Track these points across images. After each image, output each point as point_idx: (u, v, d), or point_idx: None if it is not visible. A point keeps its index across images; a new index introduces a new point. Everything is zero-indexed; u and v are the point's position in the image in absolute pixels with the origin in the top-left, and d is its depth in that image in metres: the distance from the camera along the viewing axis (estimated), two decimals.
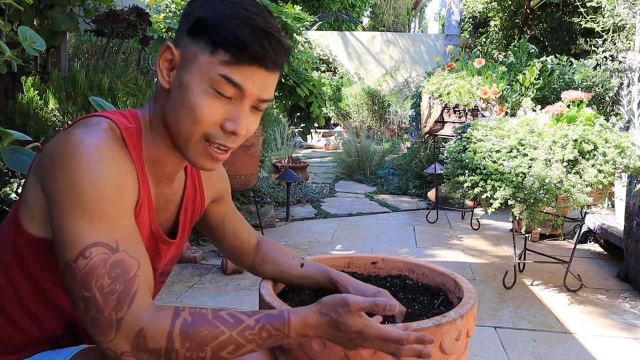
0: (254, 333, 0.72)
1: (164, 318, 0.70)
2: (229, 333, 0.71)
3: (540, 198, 2.22)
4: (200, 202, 1.01)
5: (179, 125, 0.80)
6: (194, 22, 0.79)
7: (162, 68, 0.81)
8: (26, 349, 0.85)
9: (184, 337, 0.69)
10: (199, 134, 0.79)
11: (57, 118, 2.52)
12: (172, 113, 0.80)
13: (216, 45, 0.76)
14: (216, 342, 0.70)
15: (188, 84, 0.78)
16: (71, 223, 0.71)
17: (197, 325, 0.70)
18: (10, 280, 0.81)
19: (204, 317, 0.71)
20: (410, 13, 19.10)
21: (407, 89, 10.15)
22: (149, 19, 3.01)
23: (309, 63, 5.99)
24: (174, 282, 2.61)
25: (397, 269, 1.24)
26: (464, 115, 3.70)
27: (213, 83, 0.77)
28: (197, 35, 0.78)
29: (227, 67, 0.76)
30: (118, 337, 0.68)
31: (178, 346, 0.69)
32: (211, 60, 0.77)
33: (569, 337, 2.13)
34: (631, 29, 5.02)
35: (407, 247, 3.39)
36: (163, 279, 1.01)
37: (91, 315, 0.69)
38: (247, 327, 0.72)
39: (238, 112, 0.79)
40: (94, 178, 0.72)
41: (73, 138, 0.74)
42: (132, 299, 0.69)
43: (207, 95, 0.77)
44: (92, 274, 0.69)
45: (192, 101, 0.77)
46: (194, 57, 0.78)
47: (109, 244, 0.71)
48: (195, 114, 0.78)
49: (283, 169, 4.69)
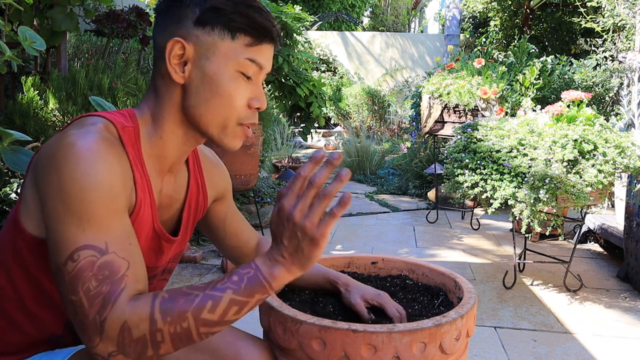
0: (225, 282, 0.71)
1: (144, 303, 0.69)
2: (202, 292, 0.70)
3: (540, 198, 2.22)
4: (203, 201, 1.01)
5: (212, 115, 0.82)
6: (204, 12, 0.79)
7: (172, 65, 0.80)
8: (26, 349, 0.85)
9: (163, 313, 0.69)
10: (234, 119, 0.83)
11: (57, 118, 2.52)
12: (200, 105, 0.81)
13: (235, 31, 0.80)
14: (193, 305, 0.69)
15: (215, 73, 0.80)
16: (61, 226, 0.71)
17: (174, 298, 0.70)
18: (11, 281, 0.81)
19: (179, 291, 0.71)
20: (410, 13, 19.11)
21: (407, 89, 10.15)
22: (149, 19, 3.02)
23: (309, 63, 5.99)
24: (174, 282, 2.61)
25: (397, 269, 1.24)
26: (464, 115, 3.70)
27: (239, 67, 0.81)
28: (209, 25, 0.79)
29: (250, 49, 0.81)
30: (103, 340, 0.68)
31: (161, 324, 0.68)
32: (233, 45, 0.80)
33: (569, 337, 2.13)
34: (631, 29, 5.02)
35: (407, 247, 3.39)
36: (166, 276, 1.01)
37: (79, 319, 0.69)
38: (217, 281, 0.72)
39: (259, 89, 0.84)
40: (84, 181, 0.71)
41: (66, 140, 0.74)
42: (117, 297, 0.69)
43: (237, 80, 0.81)
44: (79, 277, 0.69)
45: (225, 89, 0.80)
46: (213, 46, 0.80)
47: (98, 246, 0.71)
48: (230, 101, 0.81)
49: (283, 169, 4.69)
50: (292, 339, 0.89)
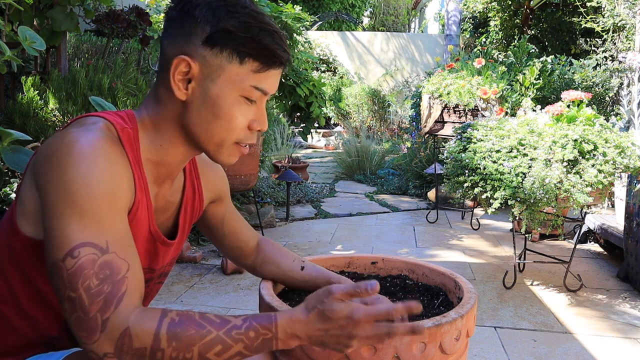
0: (241, 332, 0.71)
1: (151, 318, 0.69)
2: (216, 333, 0.70)
3: (540, 198, 2.22)
4: (199, 203, 1.01)
5: (211, 134, 0.82)
6: (214, 32, 0.78)
7: (177, 82, 0.80)
8: (23, 351, 0.84)
9: (170, 336, 0.68)
10: (232, 140, 0.83)
11: (57, 118, 2.52)
12: (201, 125, 0.82)
13: (244, 55, 0.79)
14: (203, 342, 0.69)
15: (217, 96, 0.80)
16: (62, 222, 0.70)
17: (184, 325, 0.70)
18: (7, 282, 0.81)
19: (191, 318, 0.71)
20: (410, 13, 19.11)
21: (407, 89, 10.15)
22: (149, 19, 3.02)
23: (309, 63, 6.00)
24: (174, 282, 2.61)
25: (397, 269, 1.24)
26: (464, 115, 3.70)
27: (243, 92, 0.81)
28: (218, 46, 0.78)
29: (256, 75, 0.80)
30: (102, 339, 0.67)
31: (164, 345, 0.68)
32: (241, 70, 0.79)
33: (569, 337, 2.13)
34: (631, 29, 5.02)
35: (407, 247, 3.39)
36: (162, 279, 1.01)
37: (76, 316, 0.68)
38: (234, 326, 0.71)
39: (261, 112, 0.84)
40: (87, 178, 0.71)
41: (67, 137, 0.74)
42: (120, 300, 0.69)
43: (239, 105, 0.81)
44: (79, 274, 0.68)
45: (226, 112, 0.80)
46: (219, 68, 0.79)
47: (98, 244, 0.70)
48: (230, 124, 0.81)
49: (283, 169, 4.69)
50: None
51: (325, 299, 0.73)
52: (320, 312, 0.73)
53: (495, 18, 8.24)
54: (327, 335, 0.73)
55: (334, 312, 0.72)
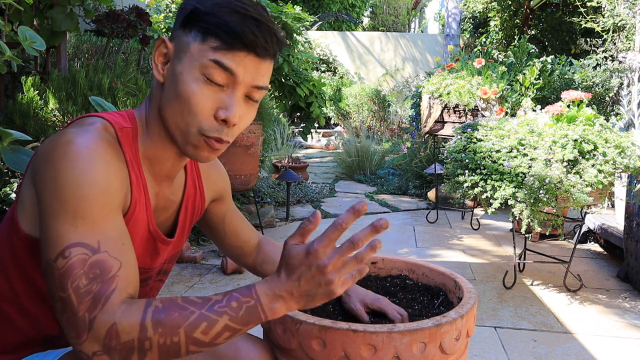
0: (223, 305, 0.71)
1: (137, 309, 0.69)
2: (199, 311, 0.70)
3: (540, 198, 2.22)
4: (200, 202, 1.01)
5: (174, 116, 0.80)
6: (187, 14, 0.79)
7: (157, 62, 0.82)
8: (22, 349, 0.85)
9: (155, 323, 0.68)
10: (194, 127, 0.79)
11: (57, 118, 2.52)
12: (167, 105, 0.80)
13: (207, 33, 0.77)
14: (187, 323, 0.69)
15: (180, 73, 0.78)
16: (55, 222, 0.71)
17: (168, 310, 0.69)
18: (8, 280, 0.81)
19: (174, 302, 0.71)
20: (410, 13, 19.11)
21: (407, 89, 10.15)
22: (149, 19, 3.02)
23: (309, 63, 6.00)
24: (174, 282, 2.61)
25: (397, 269, 1.24)
26: (464, 115, 3.70)
27: (203, 69, 0.77)
28: (189, 26, 0.79)
29: (217, 52, 0.76)
30: (89, 338, 0.68)
31: (151, 333, 0.68)
32: (202, 47, 0.77)
33: (569, 337, 2.13)
34: (631, 29, 5.02)
35: (407, 247, 3.39)
36: (162, 277, 1.01)
37: (67, 316, 0.69)
38: (215, 302, 0.71)
39: (230, 99, 0.79)
40: (80, 179, 0.71)
41: (64, 138, 0.74)
42: (108, 297, 0.69)
43: (198, 82, 0.77)
44: (69, 275, 0.69)
45: (184, 89, 0.77)
46: (186, 46, 0.79)
47: (89, 244, 0.71)
48: (188, 102, 0.77)
49: (283, 169, 4.69)
50: (292, 338, 0.89)
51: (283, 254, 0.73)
52: (284, 265, 0.72)
53: (495, 18, 8.24)
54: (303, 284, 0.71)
55: (293, 257, 0.71)
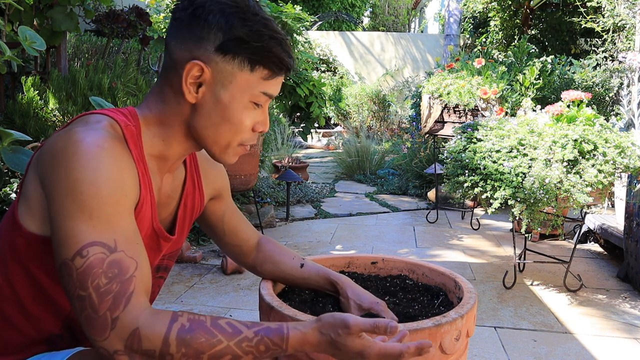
0: (252, 345, 0.71)
1: (161, 321, 0.70)
2: (227, 343, 0.70)
3: (540, 198, 2.22)
4: (199, 199, 1.01)
5: (219, 137, 0.85)
6: (227, 40, 0.80)
7: (188, 85, 0.82)
8: (25, 349, 0.84)
9: (180, 342, 0.69)
10: (238, 141, 0.87)
11: (57, 118, 2.53)
12: (210, 128, 0.85)
13: (255, 63, 0.82)
14: (213, 351, 0.70)
15: (229, 102, 0.83)
16: (70, 222, 0.71)
17: (195, 332, 0.70)
18: (8, 280, 0.81)
19: (202, 325, 0.71)
20: (410, 13, 19.11)
21: (407, 89, 10.14)
22: (149, 19, 3.02)
23: (309, 63, 5.99)
24: (174, 282, 2.61)
25: (397, 269, 1.24)
26: (464, 115, 3.70)
27: (253, 98, 0.84)
28: (230, 54, 0.80)
29: (266, 82, 0.84)
30: (112, 336, 0.68)
31: (174, 350, 0.69)
32: (251, 78, 0.82)
33: (569, 337, 2.13)
34: (631, 29, 5.02)
35: (407, 247, 3.39)
36: (162, 274, 1.01)
37: (86, 314, 0.69)
38: (245, 338, 0.71)
39: (265, 114, 0.88)
40: (94, 177, 0.72)
41: (74, 136, 0.74)
42: (129, 299, 0.69)
43: (248, 110, 0.85)
44: (88, 274, 0.69)
45: (236, 117, 0.84)
46: (231, 75, 0.81)
47: (107, 243, 0.71)
48: (239, 128, 0.85)
49: (283, 169, 4.69)
50: None
51: (340, 331, 0.73)
52: (333, 341, 0.74)
53: (495, 18, 8.24)
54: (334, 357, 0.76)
55: (346, 347, 0.73)
